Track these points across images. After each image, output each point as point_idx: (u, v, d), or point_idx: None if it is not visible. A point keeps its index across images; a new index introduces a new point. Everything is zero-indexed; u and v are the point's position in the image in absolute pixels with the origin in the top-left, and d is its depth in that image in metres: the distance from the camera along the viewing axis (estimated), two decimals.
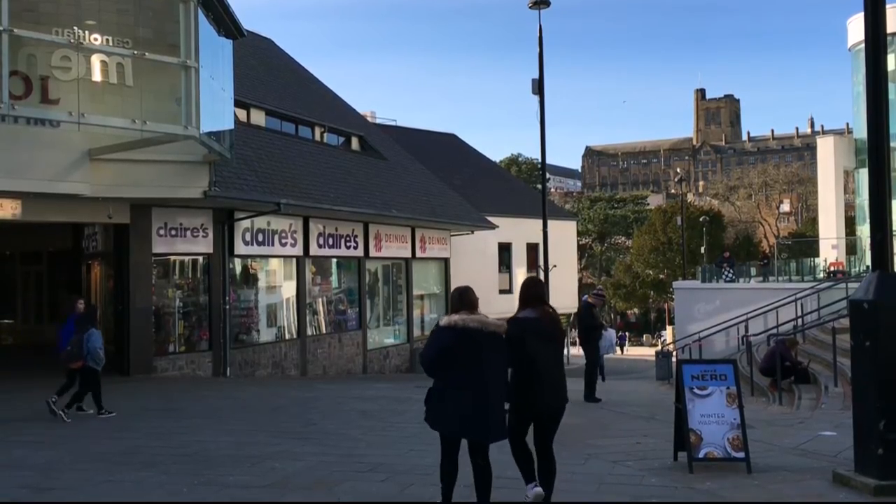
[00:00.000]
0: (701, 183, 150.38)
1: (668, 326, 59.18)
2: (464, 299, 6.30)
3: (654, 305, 73.49)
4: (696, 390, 8.21)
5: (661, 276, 66.62)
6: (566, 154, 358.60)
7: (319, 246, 23.06)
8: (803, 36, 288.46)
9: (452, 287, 29.68)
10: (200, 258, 19.15)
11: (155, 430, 10.94)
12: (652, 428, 11.32)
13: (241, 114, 21.71)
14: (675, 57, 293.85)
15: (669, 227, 65.63)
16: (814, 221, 55.72)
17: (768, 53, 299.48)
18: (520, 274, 38.61)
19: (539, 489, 6.42)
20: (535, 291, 6.74)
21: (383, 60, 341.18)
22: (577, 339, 19.99)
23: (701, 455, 8.02)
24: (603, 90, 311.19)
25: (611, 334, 16.68)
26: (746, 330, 21.05)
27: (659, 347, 39.49)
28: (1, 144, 13.82)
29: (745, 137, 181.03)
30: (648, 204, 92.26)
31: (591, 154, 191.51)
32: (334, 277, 24.67)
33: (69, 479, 7.94)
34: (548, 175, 22.30)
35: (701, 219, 63.35)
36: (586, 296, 16.28)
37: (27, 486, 7.64)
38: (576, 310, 44.45)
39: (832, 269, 30.25)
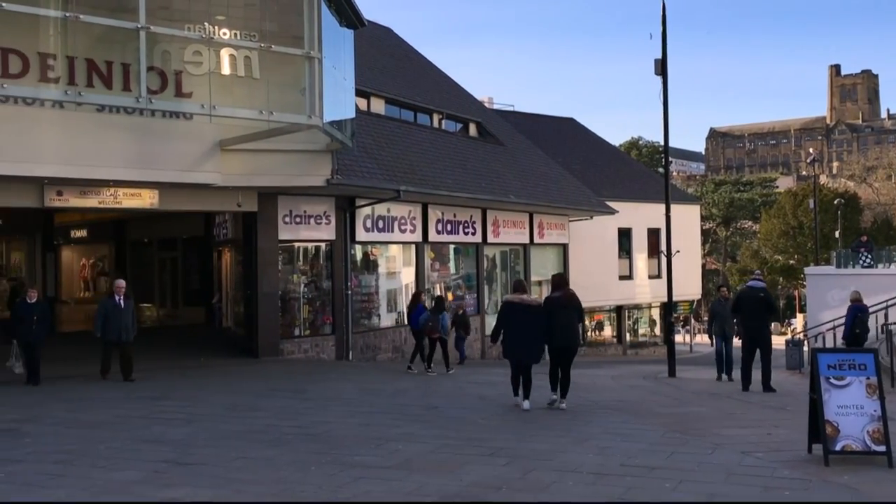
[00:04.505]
0: (835, 163, 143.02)
1: (798, 314, 56.71)
2: (518, 287, 11.94)
3: (784, 292, 70.51)
4: (832, 380, 7.83)
5: (792, 261, 63.87)
6: (688, 136, 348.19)
7: (438, 232, 23.26)
8: None
9: (570, 273, 29.50)
10: (323, 245, 19.68)
11: (283, 410, 11.33)
12: (783, 418, 10.87)
13: (362, 102, 22.09)
14: (806, 32, 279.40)
15: (800, 210, 62.79)
16: None
17: None
18: (640, 260, 37.79)
19: (556, 396, 11.60)
20: (559, 282, 11.88)
21: (501, 45, 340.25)
22: (704, 327, 19.30)
23: (838, 448, 7.65)
24: (728, 69, 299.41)
25: None
26: (886, 318, 19.85)
27: (789, 335, 37.88)
28: (140, 137, 14.60)
29: (884, 115, 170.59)
30: (777, 186, 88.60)
31: (715, 136, 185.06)
32: (452, 263, 24.85)
33: (204, 455, 8.32)
34: (670, 158, 21.68)
35: (835, 201, 60.25)
36: (758, 281, 15.08)
37: (167, 461, 8.07)
38: (698, 296, 42.92)
39: None
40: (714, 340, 17.47)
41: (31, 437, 9.40)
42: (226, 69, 14.06)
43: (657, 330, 39.31)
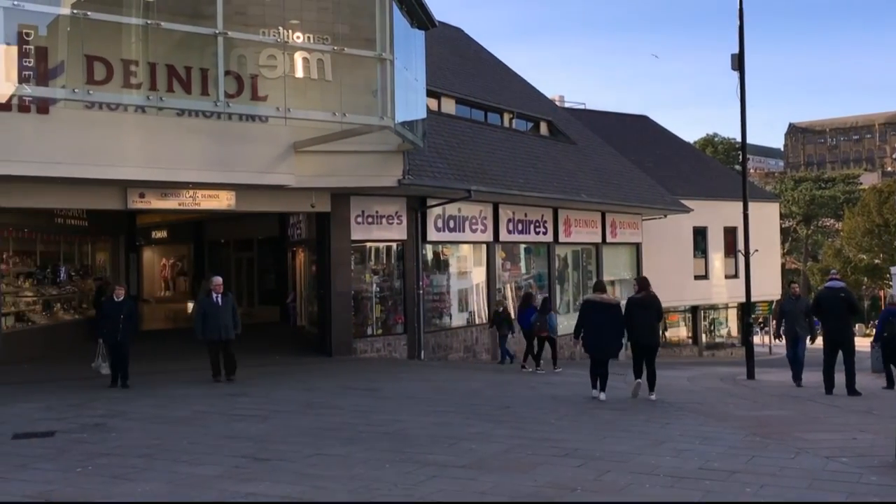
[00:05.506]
0: None
1: None
2: (598, 287, 12.98)
3: (868, 293, 68.09)
4: None
5: (877, 260, 61.67)
6: (767, 132, 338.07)
7: (509, 231, 23.20)
8: None
9: (643, 273, 29.06)
10: (395, 244, 19.84)
11: (356, 408, 11.45)
12: (869, 423, 10.50)
13: (432, 103, 22.18)
14: (890, 22, 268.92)
15: (886, 207, 60.67)
16: None
17: None
18: (716, 259, 37.01)
19: (639, 380, 12.42)
20: (643, 284, 12.77)
21: (572, 43, 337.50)
22: (776, 330, 18.28)
23: None
24: (808, 62, 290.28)
25: None
26: None
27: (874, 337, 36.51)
28: (217, 140, 14.97)
29: None
30: (861, 183, 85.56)
31: (794, 131, 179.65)
32: (523, 263, 24.75)
33: (282, 451, 8.47)
34: (747, 155, 21.15)
35: None
36: (836, 280, 14.43)
37: (246, 456, 8.24)
38: (777, 297, 41.91)
39: None
40: (789, 343, 16.15)
41: (117, 431, 9.73)
42: (299, 72, 14.33)
43: (734, 331, 38.41)
